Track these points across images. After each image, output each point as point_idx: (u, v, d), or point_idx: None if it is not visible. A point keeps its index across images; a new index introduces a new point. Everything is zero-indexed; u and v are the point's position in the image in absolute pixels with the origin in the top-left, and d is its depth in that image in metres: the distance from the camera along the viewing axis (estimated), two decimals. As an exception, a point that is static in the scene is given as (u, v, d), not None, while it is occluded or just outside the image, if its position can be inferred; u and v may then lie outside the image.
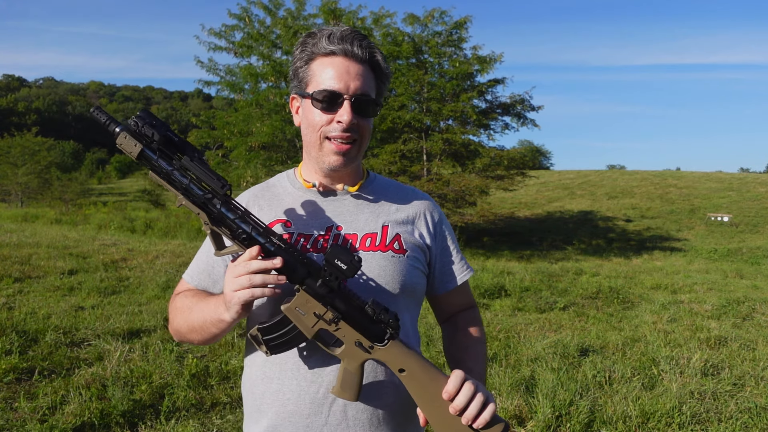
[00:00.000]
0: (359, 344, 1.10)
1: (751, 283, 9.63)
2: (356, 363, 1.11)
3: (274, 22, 14.83)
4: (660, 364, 4.56)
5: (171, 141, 1.06)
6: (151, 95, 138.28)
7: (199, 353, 4.42)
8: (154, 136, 1.04)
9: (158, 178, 1.07)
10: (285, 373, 1.18)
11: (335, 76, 1.16)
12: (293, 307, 1.09)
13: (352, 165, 1.24)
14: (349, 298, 1.10)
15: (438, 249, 1.33)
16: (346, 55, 1.17)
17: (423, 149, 15.73)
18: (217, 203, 1.06)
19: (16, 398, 3.40)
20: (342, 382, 1.12)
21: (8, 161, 28.28)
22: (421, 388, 1.10)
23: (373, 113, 1.21)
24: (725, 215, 20.79)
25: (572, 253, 15.39)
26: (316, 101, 1.17)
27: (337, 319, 1.08)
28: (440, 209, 1.39)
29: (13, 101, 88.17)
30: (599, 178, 31.78)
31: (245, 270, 1.03)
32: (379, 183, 1.35)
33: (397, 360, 1.11)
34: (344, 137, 1.18)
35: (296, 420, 1.17)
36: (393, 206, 1.30)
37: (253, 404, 1.23)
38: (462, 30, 15.84)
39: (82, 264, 8.13)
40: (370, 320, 1.09)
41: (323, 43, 1.17)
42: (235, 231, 1.07)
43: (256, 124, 14.03)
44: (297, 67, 1.23)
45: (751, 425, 3.49)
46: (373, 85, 1.21)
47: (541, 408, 3.49)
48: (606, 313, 6.76)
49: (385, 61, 1.22)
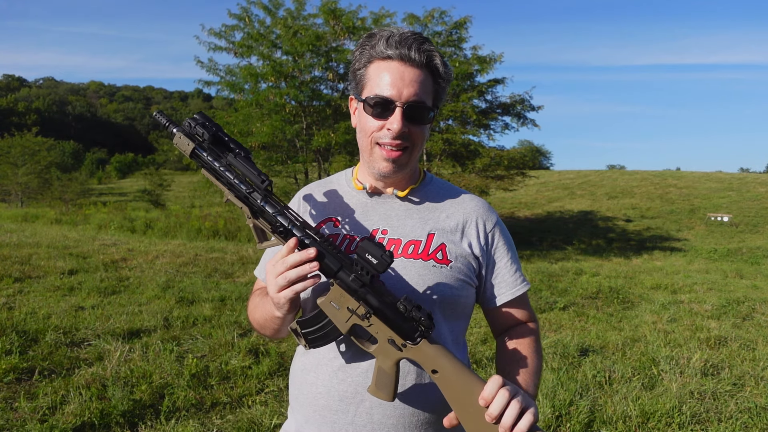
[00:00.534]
0: (392, 342, 1.10)
1: (751, 283, 9.64)
2: (390, 362, 1.10)
3: (274, 22, 14.82)
4: (660, 364, 4.56)
5: (220, 140, 1.14)
6: (151, 95, 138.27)
7: (199, 353, 4.42)
8: (205, 135, 1.13)
9: (208, 174, 1.15)
10: (320, 367, 1.20)
11: (389, 82, 1.14)
12: (328, 301, 1.11)
13: (403, 171, 1.22)
14: (382, 294, 1.10)
15: (489, 260, 1.27)
16: (402, 60, 1.14)
17: (423, 149, 15.74)
18: (258, 197, 1.11)
19: (16, 398, 3.40)
20: (377, 381, 1.12)
21: (8, 161, 28.28)
22: (454, 390, 1.08)
23: (427, 120, 1.19)
24: (725, 215, 20.80)
25: (572, 253, 15.39)
26: (369, 107, 1.16)
27: (369, 314, 1.09)
28: (497, 215, 1.33)
29: (13, 101, 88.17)
30: (599, 178, 31.79)
31: (283, 267, 1.04)
32: (434, 186, 1.33)
33: (429, 360, 1.09)
34: (394, 144, 1.16)
35: (325, 414, 1.18)
36: (443, 213, 1.27)
37: (293, 393, 1.27)
38: (462, 30, 15.83)
39: (82, 264, 8.13)
40: (402, 317, 1.09)
41: (381, 47, 1.15)
42: (274, 224, 1.11)
43: (256, 124, 14.02)
44: (355, 69, 1.21)
45: (751, 425, 3.49)
46: (430, 90, 1.18)
47: (541, 408, 3.49)
48: (606, 313, 6.76)
49: (445, 66, 1.19)
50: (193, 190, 27.73)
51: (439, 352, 1.09)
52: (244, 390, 3.75)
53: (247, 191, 1.12)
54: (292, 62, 14.35)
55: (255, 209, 1.12)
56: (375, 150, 1.19)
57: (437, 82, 1.19)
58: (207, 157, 1.14)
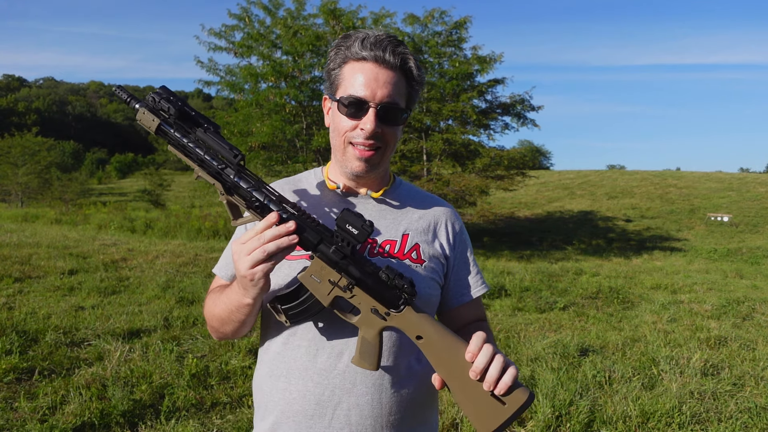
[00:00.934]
0: (375, 311, 1.10)
1: (751, 283, 9.64)
2: (373, 331, 1.11)
3: (274, 22, 14.81)
4: (660, 364, 4.56)
5: (187, 115, 1.10)
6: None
7: (199, 353, 4.42)
8: (170, 110, 1.08)
9: (176, 151, 1.11)
10: (293, 372, 1.18)
11: (364, 83, 1.15)
12: (308, 275, 1.10)
13: (375, 171, 1.23)
14: (364, 264, 1.10)
15: (456, 260, 1.32)
16: (377, 62, 1.16)
17: (423, 149, 15.73)
18: (230, 173, 1.08)
19: (16, 398, 3.40)
20: (361, 351, 1.12)
21: (8, 161, 28.26)
22: (439, 354, 1.09)
23: (399, 121, 1.20)
24: (725, 215, 20.79)
25: (572, 253, 15.39)
26: (343, 106, 1.17)
27: (351, 285, 1.08)
28: (461, 219, 1.38)
29: (13, 101, 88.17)
30: (599, 178, 31.78)
31: (258, 242, 1.02)
32: (404, 189, 1.35)
33: (413, 326, 1.10)
34: (367, 144, 1.17)
35: (300, 420, 1.17)
36: (415, 214, 1.30)
37: (261, 401, 1.24)
38: (462, 30, 15.83)
39: (82, 264, 8.13)
40: (385, 286, 1.09)
41: (356, 48, 1.16)
42: (249, 200, 1.08)
43: (256, 124, 14.02)
44: (330, 69, 1.22)
45: (751, 425, 3.49)
46: (404, 92, 1.20)
47: (541, 408, 3.49)
48: (606, 313, 6.76)
49: (418, 69, 1.21)
50: (193, 190, 27.76)
51: (423, 318, 1.11)
52: (244, 390, 3.75)
53: (219, 167, 1.08)
54: (292, 62, 14.35)
55: (228, 185, 1.09)
56: (348, 149, 1.20)
57: (411, 84, 1.21)
58: (174, 133, 1.10)
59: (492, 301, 7.13)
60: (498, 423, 1.04)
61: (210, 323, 1.25)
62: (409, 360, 1.22)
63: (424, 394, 1.25)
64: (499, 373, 1.02)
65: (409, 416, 1.21)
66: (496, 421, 1.04)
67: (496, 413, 1.04)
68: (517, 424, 3.39)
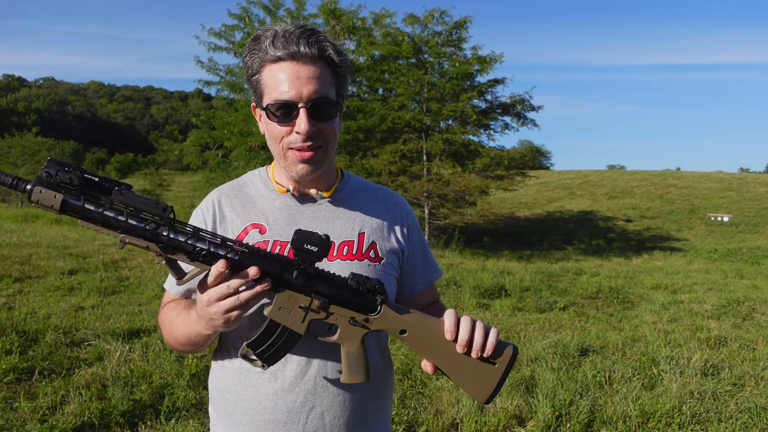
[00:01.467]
0: (354, 322, 1.07)
1: (751, 283, 9.64)
2: (356, 342, 1.09)
3: (274, 22, 14.85)
4: (660, 364, 4.56)
5: (91, 182, 0.96)
6: (151, 95, 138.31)
7: (199, 353, 4.42)
8: (73, 181, 0.93)
9: (92, 225, 0.96)
10: (262, 382, 1.16)
11: (286, 84, 1.09)
12: (276, 309, 1.04)
13: (320, 169, 1.19)
14: (329, 279, 1.06)
15: (410, 250, 1.32)
16: (293, 59, 1.09)
17: (423, 149, 15.73)
18: (163, 230, 0.97)
19: (16, 398, 3.40)
20: (348, 367, 1.09)
21: (8, 161, 28.25)
22: (424, 342, 1.09)
23: (334, 114, 1.15)
24: (725, 215, 20.79)
25: (572, 253, 15.39)
26: (272, 113, 1.12)
27: (325, 304, 1.05)
28: (411, 208, 1.38)
29: (13, 101, 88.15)
30: (599, 178, 31.78)
31: (227, 291, 0.97)
32: (354, 184, 1.32)
33: (395, 323, 1.09)
34: (305, 146, 1.12)
35: (273, 428, 1.15)
36: (369, 210, 1.28)
37: (225, 409, 1.21)
38: (462, 30, 15.84)
39: (82, 264, 8.13)
40: (357, 293, 1.07)
41: (268, 49, 1.10)
42: (192, 252, 0.98)
43: (256, 124, 14.02)
44: (249, 76, 1.16)
45: (751, 425, 3.49)
46: (331, 82, 1.14)
47: (541, 408, 3.49)
48: (606, 313, 6.76)
49: (339, 54, 1.14)
50: (193, 190, 27.74)
51: (400, 310, 1.10)
52: (244, 390, 3.75)
53: (150, 228, 0.96)
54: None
55: (164, 244, 0.98)
56: (288, 154, 1.15)
57: (335, 72, 1.15)
58: (86, 206, 0.94)
59: (492, 301, 7.13)
60: (494, 383, 1.09)
61: (167, 339, 1.21)
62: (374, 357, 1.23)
63: (386, 384, 1.28)
64: (483, 339, 1.04)
65: (376, 408, 1.24)
66: (492, 383, 1.09)
67: (490, 376, 1.09)
68: (517, 424, 3.39)
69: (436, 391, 3.81)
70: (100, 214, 0.95)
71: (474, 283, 7.69)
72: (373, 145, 15.20)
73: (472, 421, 3.33)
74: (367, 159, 15.05)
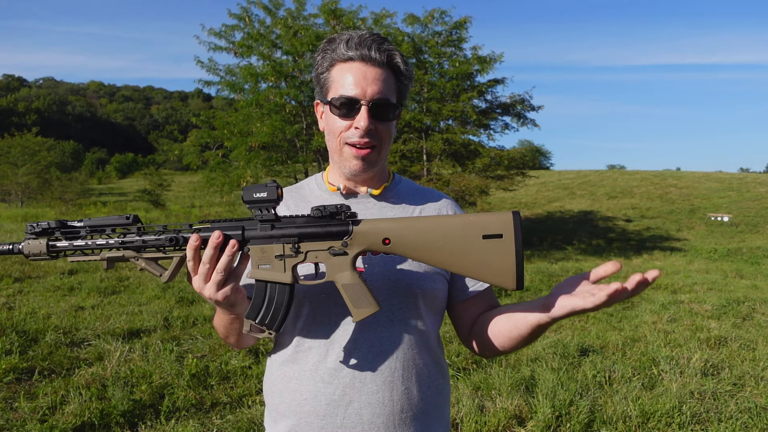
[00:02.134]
0: (334, 251, 1.05)
1: (751, 283, 9.63)
2: (347, 271, 1.05)
3: (274, 22, 14.82)
4: (660, 364, 4.56)
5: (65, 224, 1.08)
6: (151, 95, 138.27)
7: (199, 353, 4.42)
8: (51, 224, 1.07)
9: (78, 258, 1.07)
10: (303, 373, 1.19)
11: (353, 82, 1.16)
12: (256, 267, 1.05)
13: (373, 169, 1.24)
14: (294, 219, 1.06)
15: None
16: (363, 60, 1.17)
17: (423, 149, 15.72)
18: (133, 236, 1.05)
19: (16, 398, 3.40)
20: (352, 302, 1.06)
21: (8, 161, 28.27)
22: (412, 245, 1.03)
23: (392, 117, 1.21)
24: (725, 215, 20.79)
25: (572, 253, 15.39)
26: (335, 108, 1.18)
27: (296, 245, 1.04)
28: (460, 208, 1.38)
29: (13, 101, 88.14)
30: (599, 178, 31.78)
31: (207, 267, 1.01)
32: (403, 186, 1.36)
33: (374, 236, 1.04)
34: (362, 143, 1.18)
35: (312, 420, 1.17)
36: (416, 209, 1.30)
37: (272, 403, 1.25)
38: (462, 30, 15.83)
39: (82, 264, 8.13)
40: (324, 221, 1.05)
41: (342, 49, 1.17)
42: (163, 243, 1.05)
43: (256, 124, 14.01)
44: (318, 74, 1.24)
45: (751, 425, 3.49)
46: (393, 88, 1.21)
47: (541, 408, 3.49)
48: (606, 313, 6.76)
49: (405, 63, 1.22)
50: (193, 190, 27.70)
51: (374, 222, 1.06)
52: (244, 390, 3.75)
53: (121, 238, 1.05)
54: (292, 62, 14.35)
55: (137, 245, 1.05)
56: (345, 150, 1.20)
57: (399, 80, 1.22)
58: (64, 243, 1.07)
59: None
60: (512, 260, 0.99)
61: (221, 335, 1.27)
62: (416, 357, 1.22)
63: (435, 389, 1.25)
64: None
65: (421, 413, 1.21)
66: (509, 261, 0.99)
67: (504, 254, 0.99)
68: (517, 424, 3.39)
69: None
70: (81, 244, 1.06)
71: (474, 283, 7.69)
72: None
73: (472, 421, 3.33)
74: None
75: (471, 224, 1.02)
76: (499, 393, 3.75)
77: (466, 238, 1.01)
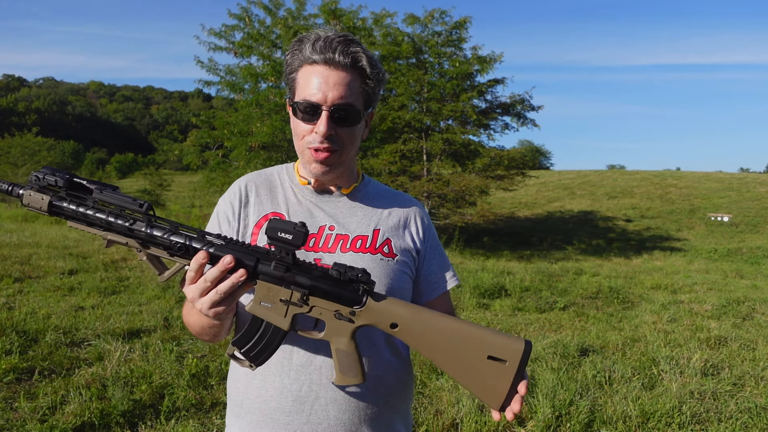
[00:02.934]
0: (339, 315, 1.03)
1: (751, 283, 9.63)
2: (345, 338, 1.03)
3: (274, 22, 14.83)
4: (660, 364, 4.56)
5: (78, 184, 1.02)
6: (151, 95, 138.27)
7: (199, 353, 4.42)
8: (58, 183, 1.01)
9: (77, 224, 1.02)
10: (269, 369, 1.18)
11: (316, 86, 1.16)
12: (257, 303, 1.02)
13: (334, 172, 1.24)
14: (311, 270, 1.02)
15: (426, 253, 1.34)
16: (327, 64, 1.16)
17: (423, 149, 15.72)
18: (141, 226, 1.00)
19: (16, 398, 3.40)
20: (340, 366, 1.05)
21: (8, 161, 28.25)
22: (419, 336, 1.03)
23: (356, 121, 1.20)
24: (725, 215, 20.78)
25: (572, 253, 15.39)
26: (299, 111, 1.18)
27: (305, 297, 1.01)
28: (428, 214, 1.41)
29: (13, 101, 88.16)
30: (599, 178, 31.78)
31: (204, 285, 0.98)
32: (373, 187, 1.37)
33: (383, 316, 1.03)
34: (321, 147, 1.18)
35: (278, 417, 1.17)
36: (385, 211, 1.31)
37: (236, 399, 1.24)
38: (462, 30, 15.84)
39: (82, 264, 8.13)
40: (340, 283, 1.02)
41: (307, 51, 1.17)
42: (171, 246, 1.00)
43: (256, 124, 14.02)
44: (286, 74, 1.24)
45: (751, 425, 3.49)
46: (359, 91, 1.19)
47: (541, 408, 3.49)
48: (606, 313, 6.76)
49: (373, 66, 1.20)
50: (193, 190, 27.75)
51: (389, 303, 1.04)
52: (244, 390, 3.75)
53: (128, 224, 1.00)
54: (292, 62, 14.35)
55: (143, 238, 1.00)
56: (305, 152, 1.21)
57: (365, 82, 1.20)
58: (69, 206, 1.01)
59: (492, 301, 7.12)
60: (506, 386, 0.98)
61: (189, 328, 1.24)
62: (383, 351, 1.23)
63: (399, 384, 1.27)
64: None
65: (386, 408, 1.22)
66: (504, 385, 0.98)
67: (501, 377, 0.98)
68: (517, 424, 3.39)
69: (436, 391, 3.81)
70: (83, 213, 1.01)
71: (474, 283, 7.69)
72: (373, 145, 15.20)
73: (472, 421, 3.33)
74: (367, 159, 15.04)
75: (480, 340, 1.01)
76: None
77: (471, 351, 1.01)
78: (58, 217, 1.03)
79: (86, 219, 1.01)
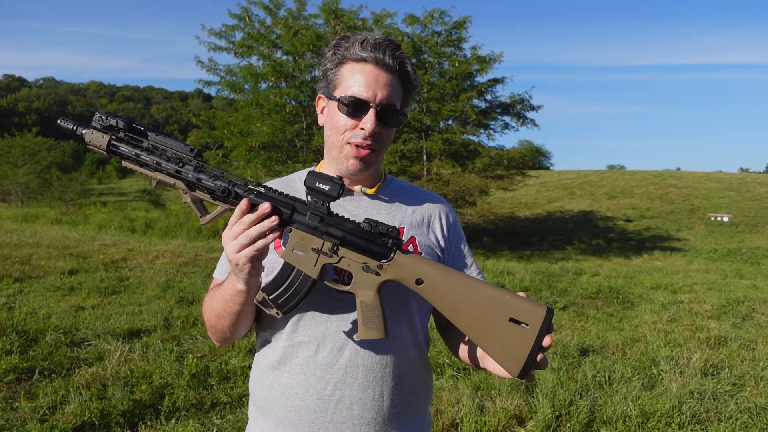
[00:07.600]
0: (367, 268, 1.06)
1: (751, 283, 9.63)
2: (371, 291, 1.06)
3: (275, 22, 14.82)
4: (660, 364, 4.56)
5: (136, 129, 1.10)
6: (151, 95, 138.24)
7: (199, 353, 4.42)
8: (119, 124, 1.08)
9: (131, 165, 1.09)
10: (295, 367, 1.19)
11: (364, 84, 1.17)
12: (290, 249, 1.06)
13: (368, 171, 1.25)
14: (342, 222, 1.06)
15: (450, 251, 1.33)
16: (377, 64, 1.18)
17: (423, 149, 15.72)
18: (189, 168, 1.07)
19: (16, 398, 3.40)
20: (364, 319, 1.06)
21: (8, 161, 28.26)
22: (444, 296, 1.04)
23: (396, 123, 1.23)
24: (725, 215, 20.78)
25: (572, 253, 15.39)
26: (343, 105, 1.18)
27: (336, 247, 1.05)
28: (454, 212, 1.40)
29: (13, 101, 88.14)
30: (599, 178, 31.78)
31: (241, 228, 1.02)
32: (396, 185, 1.37)
33: (410, 271, 1.05)
34: (365, 144, 1.19)
35: (303, 415, 1.18)
36: (409, 208, 1.31)
37: (260, 395, 1.25)
38: (462, 30, 15.83)
39: (82, 264, 8.14)
40: (370, 236, 1.06)
41: (356, 49, 1.18)
42: (215, 190, 1.06)
43: (256, 124, 14.01)
44: (327, 69, 1.24)
45: (751, 425, 3.49)
46: (400, 95, 1.22)
47: (541, 408, 3.49)
48: (606, 313, 6.76)
49: (414, 73, 1.23)
50: (193, 190, 27.69)
51: (416, 259, 1.06)
52: (244, 390, 3.75)
53: (178, 167, 1.06)
54: (292, 62, 14.35)
55: (190, 181, 1.07)
56: (345, 148, 1.21)
57: (406, 87, 1.24)
58: (126, 147, 1.08)
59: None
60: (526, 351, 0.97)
61: (208, 321, 1.24)
62: (407, 353, 1.23)
63: (421, 385, 1.27)
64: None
65: (409, 408, 1.23)
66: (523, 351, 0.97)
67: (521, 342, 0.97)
68: (517, 424, 3.39)
69: (436, 391, 3.81)
70: (137, 154, 1.08)
71: (474, 283, 7.68)
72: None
73: (472, 421, 3.33)
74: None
75: (503, 302, 1.02)
76: (499, 393, 3.75)
77: (493, 313, 1.01)
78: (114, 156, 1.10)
79: (138, 160, 1.08)
